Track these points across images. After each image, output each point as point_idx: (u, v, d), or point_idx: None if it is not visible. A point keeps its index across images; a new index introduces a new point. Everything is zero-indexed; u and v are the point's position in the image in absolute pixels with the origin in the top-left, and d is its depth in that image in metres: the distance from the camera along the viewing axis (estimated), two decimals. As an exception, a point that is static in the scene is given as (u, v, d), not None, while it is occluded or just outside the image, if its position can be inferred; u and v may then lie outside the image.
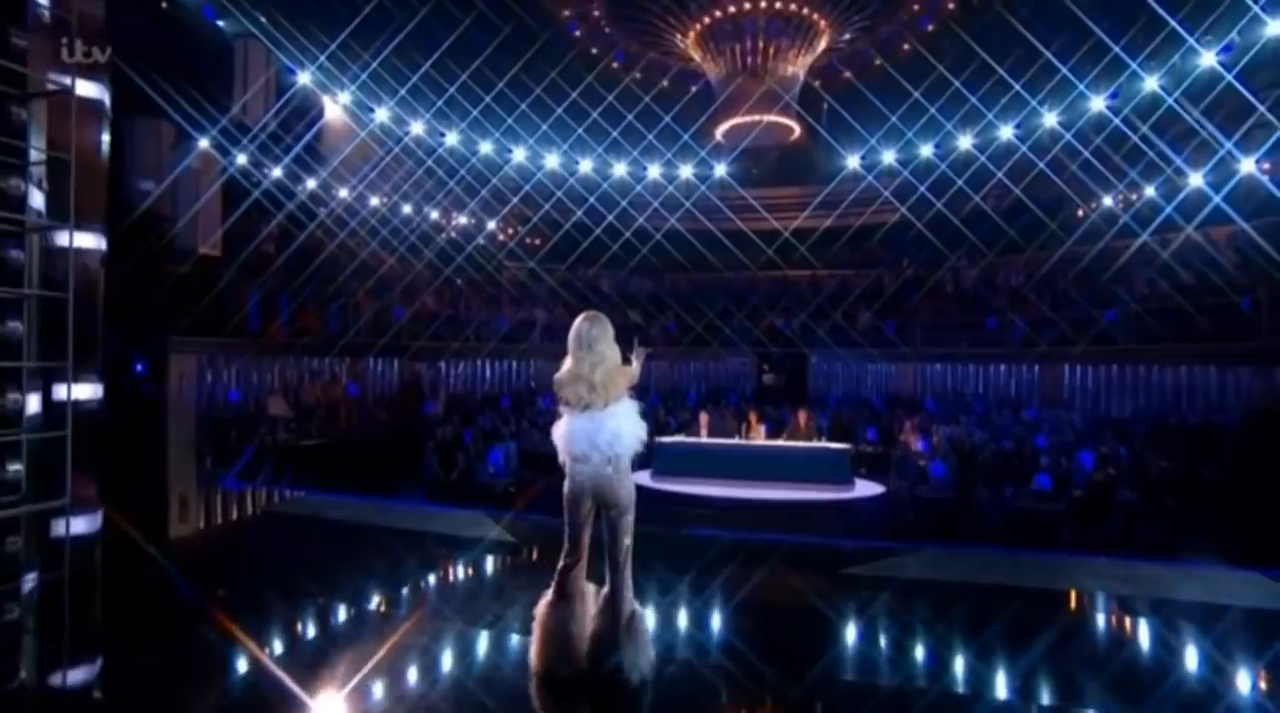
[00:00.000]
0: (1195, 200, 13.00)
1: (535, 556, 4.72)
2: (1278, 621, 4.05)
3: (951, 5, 13.45)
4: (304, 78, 13.15)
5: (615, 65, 16.83)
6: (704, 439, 10.45)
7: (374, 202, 16.01)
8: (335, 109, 14.46)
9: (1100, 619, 4.03)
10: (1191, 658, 3.45)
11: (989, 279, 16.52)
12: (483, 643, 3.45)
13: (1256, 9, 10.78)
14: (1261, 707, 2.96)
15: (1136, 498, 6.63)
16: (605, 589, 3.02)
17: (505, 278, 18.25)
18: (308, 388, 11.95)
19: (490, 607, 3.98)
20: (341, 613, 3.80)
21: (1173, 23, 11.58)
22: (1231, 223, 12.37)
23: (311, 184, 14.67)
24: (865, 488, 9.31)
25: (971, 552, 5.61)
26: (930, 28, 14.17)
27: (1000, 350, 14.46)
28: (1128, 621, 3.96)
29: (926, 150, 17.39)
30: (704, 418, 10.95)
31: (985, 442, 9.32)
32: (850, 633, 3.74)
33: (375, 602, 4.19)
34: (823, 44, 15.31)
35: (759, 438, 10.08)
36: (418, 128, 15.55)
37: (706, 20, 14.26)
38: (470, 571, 4.76)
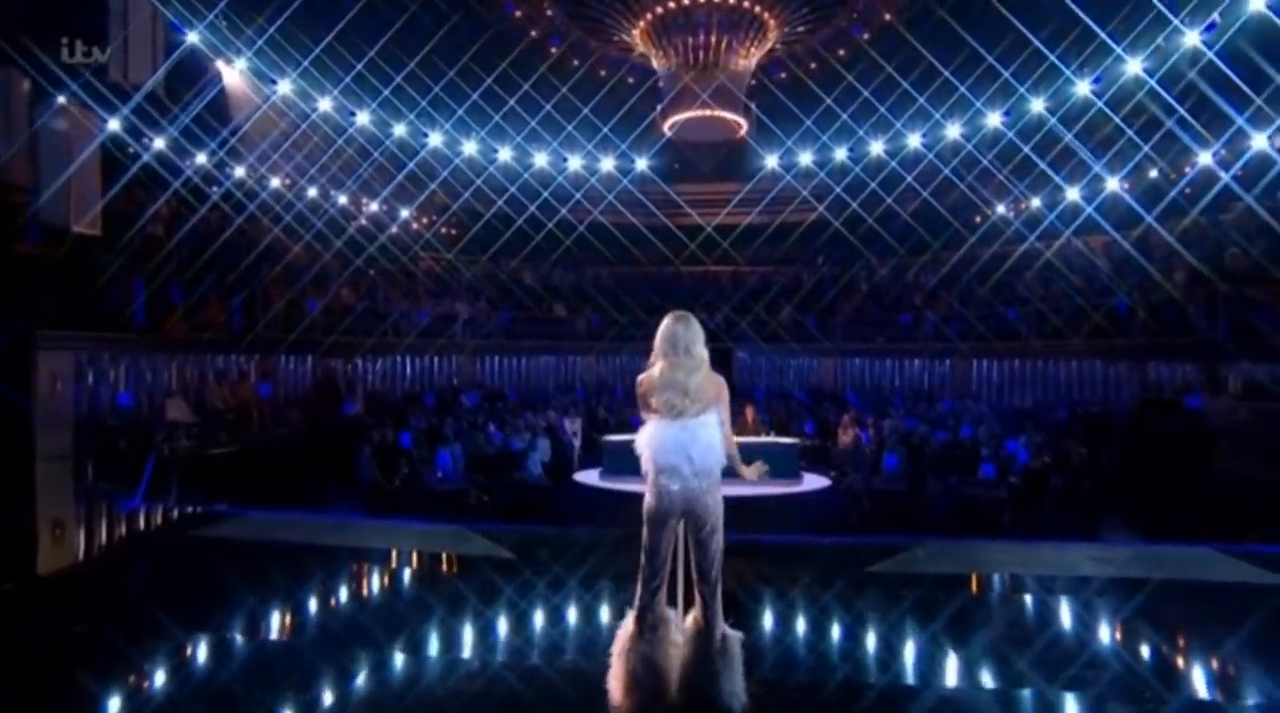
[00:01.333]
0: (1074, 211, 14.51)
1: (554, 574, 4.32)
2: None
3: (887, 18, 14.03)
4: (193, 38, 11.76)
5: (553, 51, 16.32)
6: None
7: (276, 182, 14.63)
8: (235, 76, 13.03)
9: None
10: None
11: (900, 277, 17.49)
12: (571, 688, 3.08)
13: (1119, 50, 12.22)
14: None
15: (1062, 483, 7.24)
16: (694, 613, 2.83)
17: (421, 269, 17.28)
18: (213, 388, 10.73)
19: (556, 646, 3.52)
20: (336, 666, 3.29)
21: (1051, 58, 12.96)
22: (1105, 232, 13.89)
23: (202, 159, 13.19)
24: (812, 481, 9.56)
25: (973, 543, 5.83)
26: (865, 36, 14.73)
27: (916, 345, 15.36)
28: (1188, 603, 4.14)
29: (841, 154, 18.17)
30: None
31: (927, 434, 9.83)
32: (933, 636, 3.69)
33: (375, 652, 3.42)
34: (768, 43, 15.52)
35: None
36: (325, 104, 14.36)
37: (653, 13, 14.05)
38: (497, 599, 4.13)
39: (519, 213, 16.94)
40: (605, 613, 3.83)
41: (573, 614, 3.85)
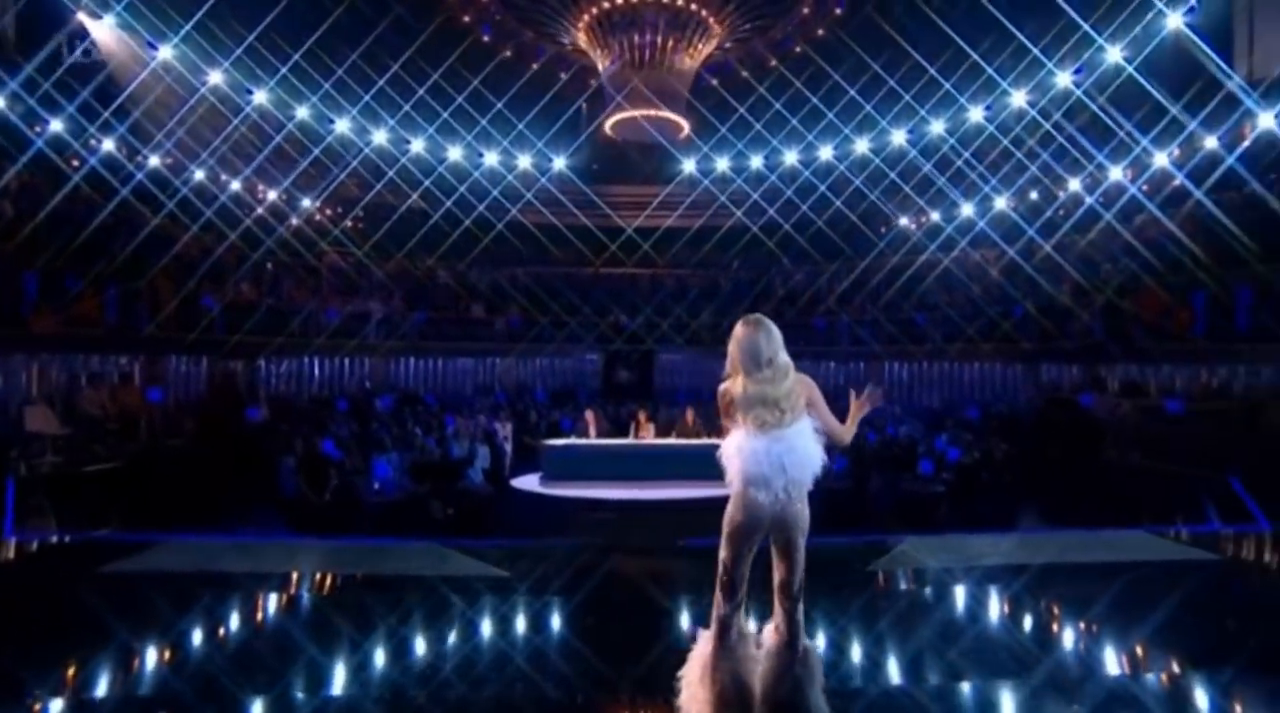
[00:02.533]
0: (969, 226, 15.82)
1: (572, 593, 3.99)
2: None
3: (820, 32, 14.57)
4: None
5: (485, 40, 15.65)
6: (595, 440, 10.15)
7: (155, 161, 13.05)
8: (110, 35, 11.51)
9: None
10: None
11: (814, 282, 18.24)
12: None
13: (1004, 85, 13.55)
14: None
15: (988, 477, 7.82)
16: (773, 625, 2.72)
17: (326, 264, 16.05)
18: (87, 394, 9.38)
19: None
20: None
21: (946, 85, 14.15)
22: (998, 246, 15.24)
23: (57, 126, 11.55)
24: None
25: (955, 536, 6.08)
26: (797, 49, 15.22)
27: (831, 348, 16.07)
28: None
29: (757, 161, 18.76)
30: (590, 416, 10.64)
31: (861, 433, 10.23)
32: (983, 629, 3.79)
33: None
34: (710, 45, 15.62)
35: (649, 436, 10.04)
36: (216, 77, 12.99)
37: (595, 10, 13.78)
38: (537, 630, 3.68)
39: (435, 208, 16.18)
40: (657, 633, 3.61)
41: (634, 640, 3.57)
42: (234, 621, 3.79)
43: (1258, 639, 3.42)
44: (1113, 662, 3.42)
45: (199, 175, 13.49)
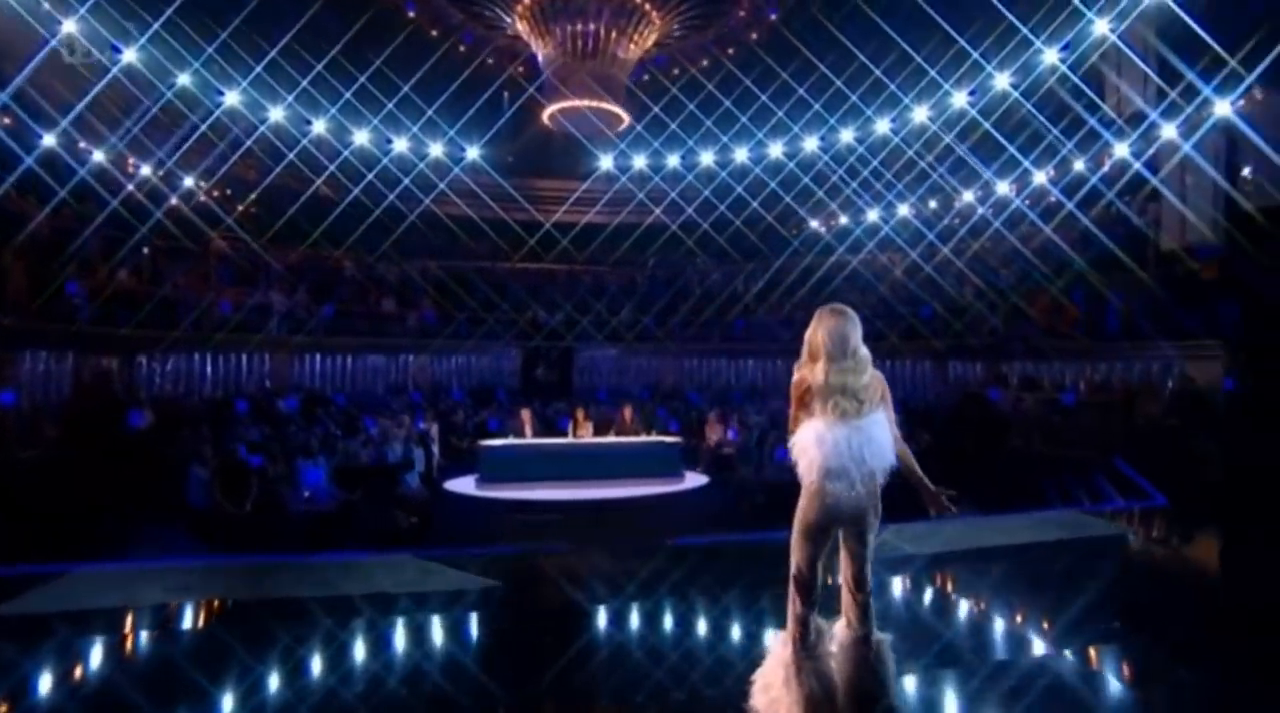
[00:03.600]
0: (877, 230, 16.81)
1: (590, 602, 3.74)
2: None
3: (754, 36, 14.82)
4: None
5: (410, 16, 14.65)
6: (532, 440, 9.82)
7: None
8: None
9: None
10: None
11: (731, 282, 18.66)
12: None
13: (906, 100, 14.59)
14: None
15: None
16: (846, 621, 2.65)
17: (213, 252, 14.50)
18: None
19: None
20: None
21: (853, 98, 14.98)
22: (904, 249, 16.28)
23: None
24: (693, 479, 9.77)
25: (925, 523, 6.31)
26: (728, 51, 15.41)
27: (751, 346, 16.52)
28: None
29: (674, 161, 18.95)
30: (526, 414, 10.29)
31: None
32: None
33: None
34: (651, 36, 15.40)
35: (587, 435, 9.84)
36: (70, 25, 11.32)
37: None
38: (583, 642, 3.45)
39: (341, 196, 15.05)
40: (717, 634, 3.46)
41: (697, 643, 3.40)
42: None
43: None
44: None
45: (51, 142, 11.73)
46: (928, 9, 11.93)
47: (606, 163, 19.11)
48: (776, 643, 2.71)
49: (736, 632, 3.68)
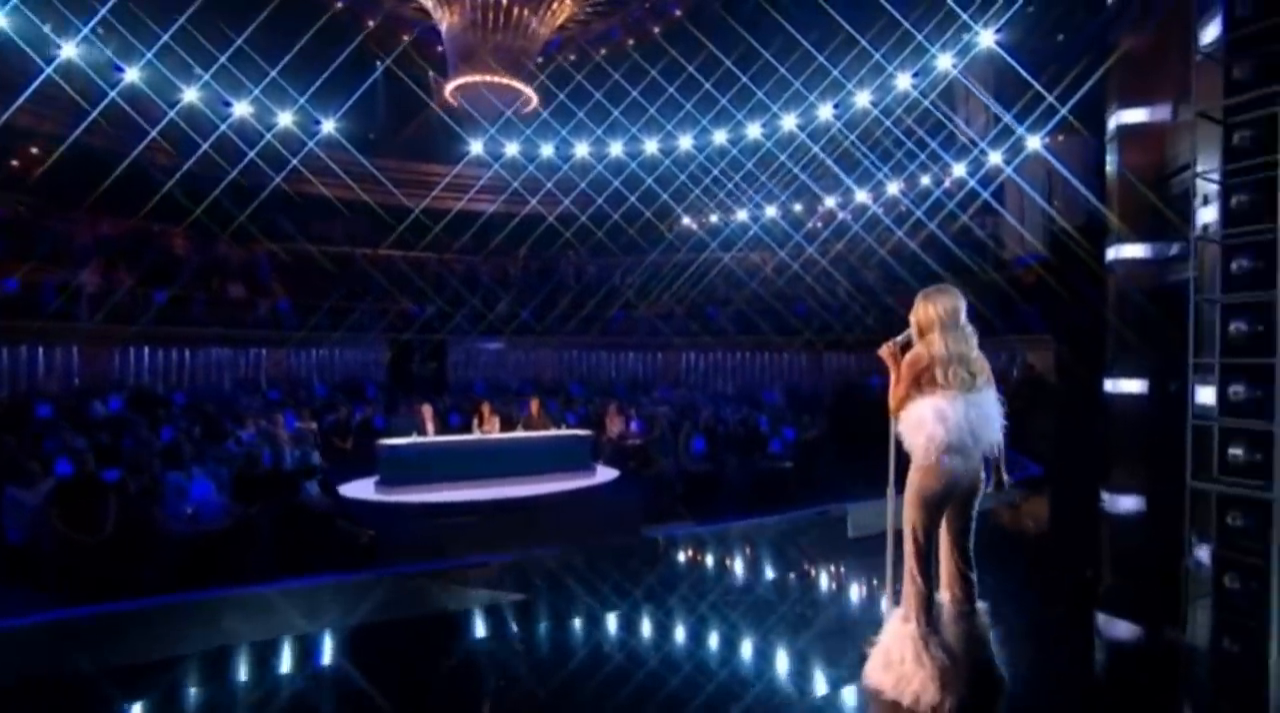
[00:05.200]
0: (745, 229, 17.75)
1: (617, 604, 3.45)
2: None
3: (656, 29, 14.74)
4: None
5: None
6: (437, 438, 9.13)
7: None
8: None
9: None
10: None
11: (608, 275, 18.69)
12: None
13: (774, 109, 15.65)
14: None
15: (829, 452, 8.92)
16: (951, 595, 2.70)
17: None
18: None
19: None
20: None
21: (723, 102, 15.75)
22: (773, 249, 17.32)
23: None
24: (604, 472, 9.66)
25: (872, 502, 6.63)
26: (631, 41, 15.21)
27: (631, 339, 16.66)
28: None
29: (548, 150, 18.60)
30: (427, 411, 9.53)
31: (676, 418, 10.77)
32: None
33: None
34: (562, 13, 14.63)
35: (494, 431, 9.35)
36: None
37: None
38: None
39: (174, 162, 12.85)
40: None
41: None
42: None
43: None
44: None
45: None
46: (792, 31, 12.84)
47: (477, 148, 18.29)
48: (894, 620, 2.74)
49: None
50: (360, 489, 8.43)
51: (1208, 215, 6.36)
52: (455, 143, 18.13)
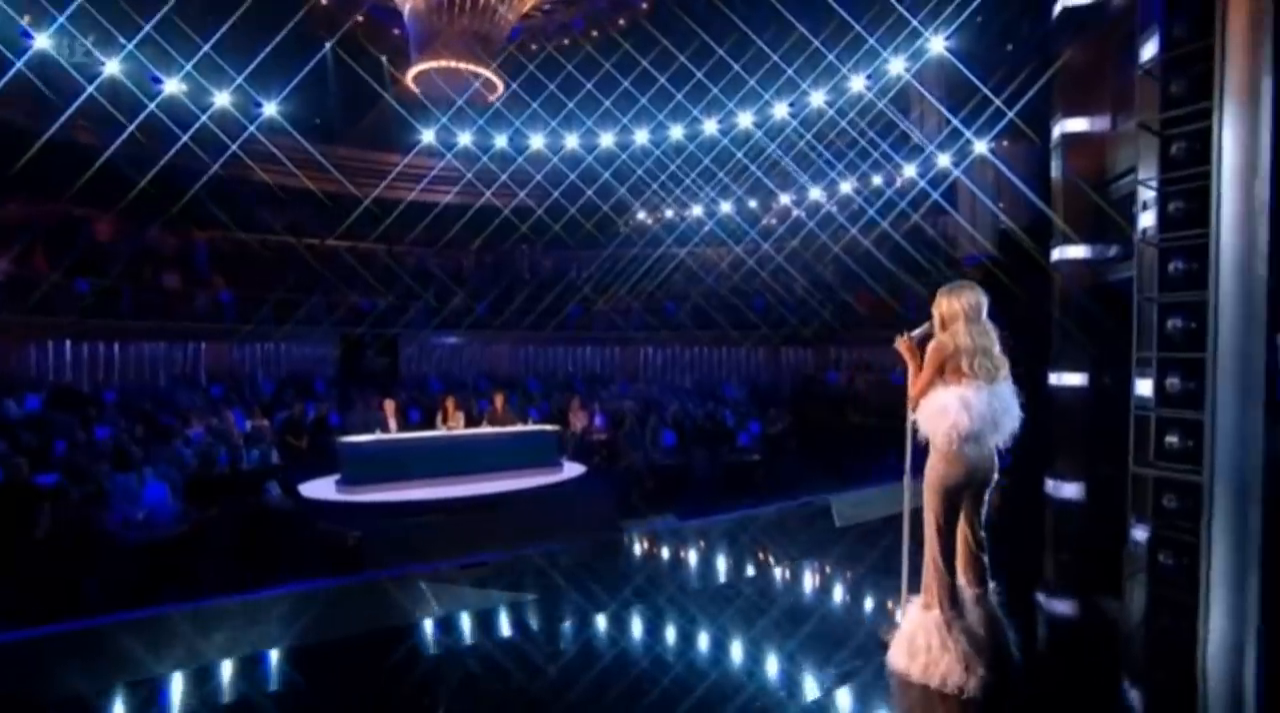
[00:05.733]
0: (719, 224, 17.86)
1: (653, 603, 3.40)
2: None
3: (621, 22, 14.59)
4: None
5: None
6: (401, 434, 8.89)
7: None
8: None
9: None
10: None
11: (564, 269, 18.54)
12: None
13: (730, 105, 15.85)
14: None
15: (794, 444, 9.15)
16: (966, 579, 2.80)
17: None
18: None
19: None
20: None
21: (678, 96, 15.86)
22: (729, 246, 17.53)
23: None
24: (571, 468, 9.63)
25: (861, 490, 6.76)
26: (595, 33, 15.00)
27: (589, 334, 16.60)
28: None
29: (501, 141, 18.29)
30: (389, 406, 9.26)
31: (640, 410, 10.84)
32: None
33: None
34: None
35: (459, 426, 9.17)
36: None
37: None
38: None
39: (99, 143, 11.96)
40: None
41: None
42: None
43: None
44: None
45: None
46: (746, 30, 13.01)
47: (429, 136, 17.82)
48: (916, 607, 2.84)
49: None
50: (320, 489, 8.15)
51: (1147, 220, 6.82)
52: (407, 131, 17.61)
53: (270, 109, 15.06)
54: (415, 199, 16.95)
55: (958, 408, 2.71)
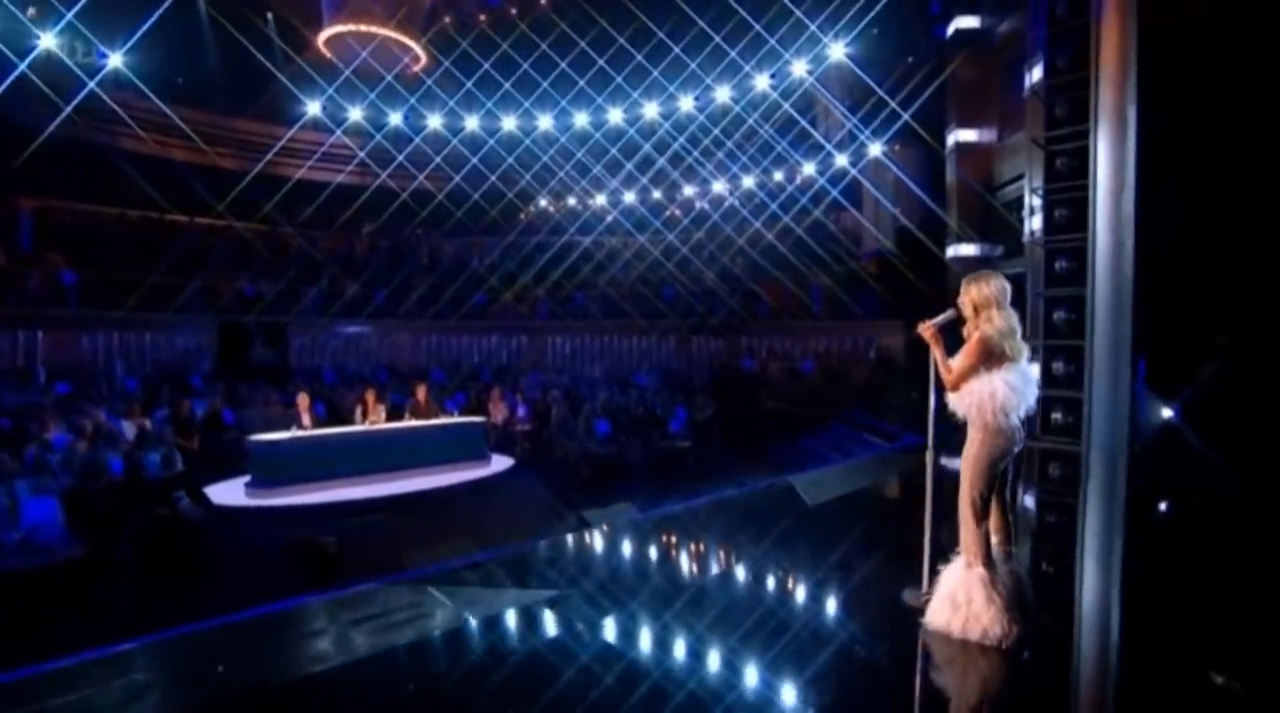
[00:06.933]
0: (625, 214, 17.89)
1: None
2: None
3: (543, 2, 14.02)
4: None
5: None
6: (321, 431, 8.27)
7: None
8: None
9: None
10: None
11: (466, 256, 17.88)
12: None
13: (635, 95, 16.03)
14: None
15: (719, 431, 9.46)
16: (1001, 538, 3.08)
17: None
18: None
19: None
20: None
21: (581, 83, 15.83)
22: (635, 236, 17.68)
23: None
24: (499, 460, 9.43)
25: (815, 471, 7.02)
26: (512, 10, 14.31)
27: (495, 323, 16.18)
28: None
29: (396, 118, 17.33)
30: (303, 401, 8.57)
31: (604, 400, 10.75)
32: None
33: None
34: None
35: (380, 421, 8.67)
36: None
37: None
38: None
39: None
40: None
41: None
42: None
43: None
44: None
45: None
46: (648, 23, 13.17)
47: (314, 108, 16.50)
48: (954, 569, 3.06)
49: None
50: (229, 494, 7.47)
51: (1036, 223, 7.75)
52: (297, 103, 16.19)
53: (115, 61, 13.21)
54: (305, 178, 15.65)
55: (1005, 391, 2.92)
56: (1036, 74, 7.83)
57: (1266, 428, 5.92)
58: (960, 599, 2.97)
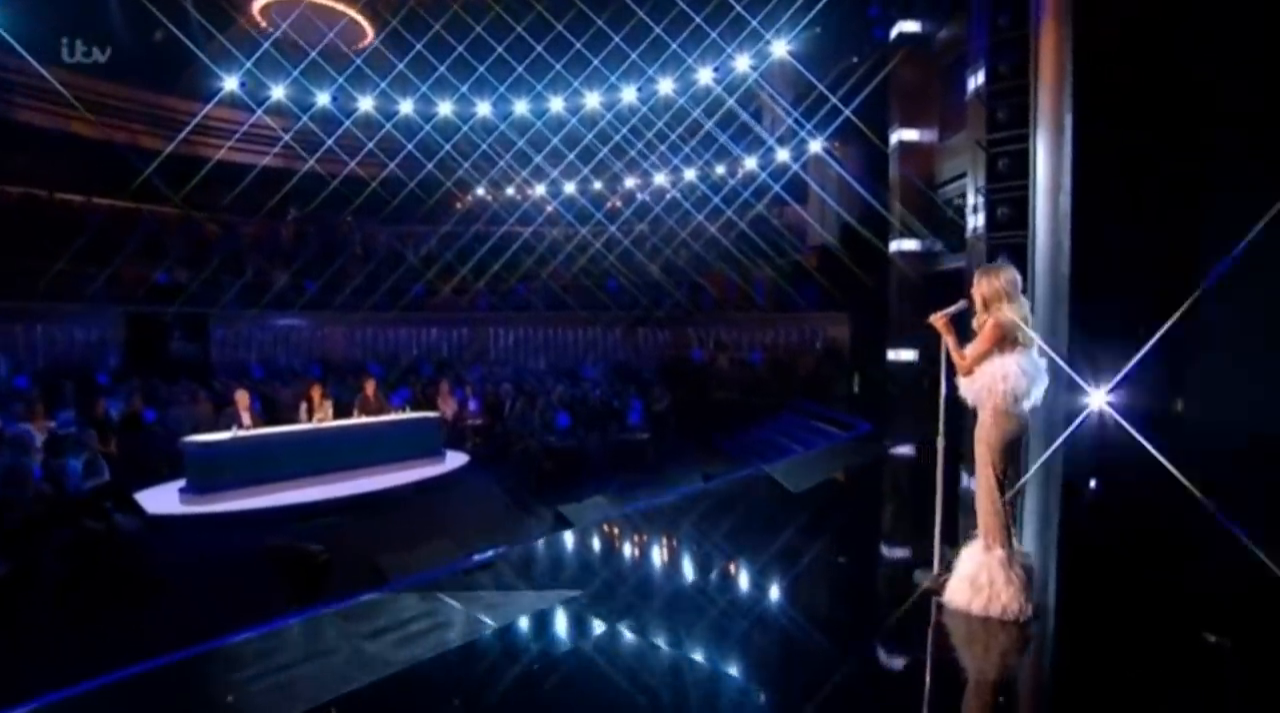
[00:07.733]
0: (566, 204, 17.58)
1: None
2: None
3: None
4: None
5: None
6: (265, 430, 7.75)
7: None
8: None
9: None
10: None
11: (402, 246, 17.20)
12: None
13: (575, 84, 15.88)
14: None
15: (675, 422, 9.52)
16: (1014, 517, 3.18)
17: None
18: None
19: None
20: None
21: (520, 69, 15.54)
22: (576, 227, 17.46)
23: None
24: (454, 457, 9.16)
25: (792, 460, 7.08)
26: None
27: (436, 315, 15.66)
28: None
29: (324, 99, 16.46)
30: (242, 398, 8.01)
31: (560, 393, 10.54)
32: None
33: None
34: None
35: (327, 418, 8.23)
36: None
37: None
38: None
39: None
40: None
41: None
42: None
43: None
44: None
45: None
46: (588, 12, 13.02)
47: (231, 84, 15.40)
48: (973, 549, 3.19)
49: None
50: (159, 501, 6.94)
51: (978, 221, 8.19)
52: (210, 77, 15.03)
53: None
54: (225, 159, 14.57)
55: (1016, 374, 3.04)
56: (978, 78, 8.24)
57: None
58: (982, 580, 3.12)
